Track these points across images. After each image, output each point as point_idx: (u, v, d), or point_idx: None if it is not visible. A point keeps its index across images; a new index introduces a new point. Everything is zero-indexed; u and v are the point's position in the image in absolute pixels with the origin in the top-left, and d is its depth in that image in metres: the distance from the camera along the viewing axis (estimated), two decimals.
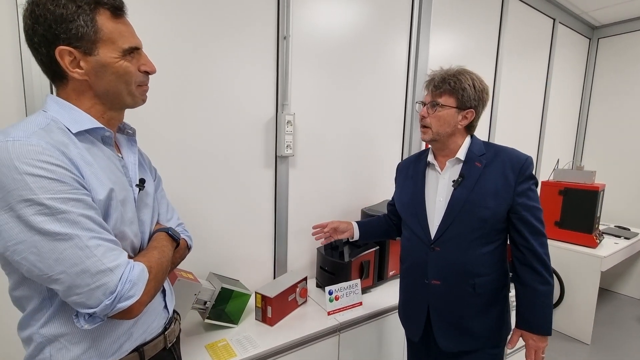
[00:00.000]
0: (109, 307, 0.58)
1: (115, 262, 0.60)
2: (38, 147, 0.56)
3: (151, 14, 1.22)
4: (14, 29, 1.03)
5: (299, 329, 1.31)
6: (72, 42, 0.62)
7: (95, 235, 0.58)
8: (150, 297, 0.66)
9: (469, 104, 1.05)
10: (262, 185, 1.60)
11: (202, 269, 1.41)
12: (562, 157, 3.34)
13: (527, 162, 1.03)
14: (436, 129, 1.07)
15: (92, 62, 0.64)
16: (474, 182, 1.04)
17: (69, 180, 0.58)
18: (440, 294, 1.09)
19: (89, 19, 0.62)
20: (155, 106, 1.24)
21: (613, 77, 3.43)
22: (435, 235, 1.08)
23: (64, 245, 0.55)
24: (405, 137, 2.14)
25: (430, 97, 1.09)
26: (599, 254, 2.31)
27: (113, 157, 0.71)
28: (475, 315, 1.08)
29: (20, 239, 0.54)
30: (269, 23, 1.50)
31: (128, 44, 0.67)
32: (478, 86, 1.06)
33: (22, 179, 0.53)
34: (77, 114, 0.66)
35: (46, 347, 0.63)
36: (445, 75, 1.06)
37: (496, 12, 2.52)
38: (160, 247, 0.75)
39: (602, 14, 3.18)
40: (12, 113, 1.06)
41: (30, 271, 0.56)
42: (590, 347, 2.37)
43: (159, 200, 0.88)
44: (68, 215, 0.56)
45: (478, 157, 1.07)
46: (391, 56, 1.98)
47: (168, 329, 0.82)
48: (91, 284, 0.57)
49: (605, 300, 3.02)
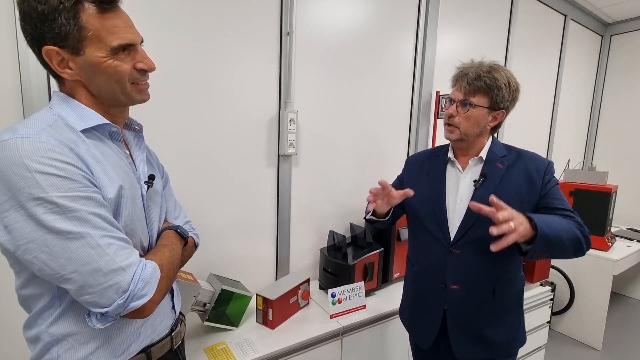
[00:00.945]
0: (121, 306, 0.58)
1: (128, 261, 0.59)
2: (48, 144, 0.55)
3: (150, 8, 1.20)
4: (11, 27, 1.01)
5: (300, 332, 1.28)
6: (58, 41, 0.59)
7: (106, 233, 0.58)
8: (162, 295, 0.66)
9: (502, 104, 0.99)
10: (264, 185, 1.56)
11: (202, 269, 1.39)
12: (573, 157, 3.27)
13: (550, 166, 1.01)
14: (465, 130, 1.01)
15: (80, 62, 0.61)
16: (496, 183, 1.00)
17: (79, 178, 0.57)
18: (458, 299, 1.04)
19: (70, 16, 0.58)
20: (154, 103, 1.21)
21: (626, 75, 3.34)
22: (455, 237, 1.03)
23: (76, 244, 0.55)
24: (411, 135, 2.09)
25: (462, 95, 1.00)
26: (611, 257, 2.25)
27: (121, 153, 0.70)
28: (492, 323, 1.04)
29: (32, 238, 0.54)
30: (271, 18, 1.47)
31: (118, 42, 0.62)
32: (513, 85, 0.99)
33: (33, 177, 0.53)
34: (83, 110, 0.64)
35: (53, 347, 0.62)
36: (480, 72, 0.97)
37: (506, 8, 2.46)
38: (170, 245, 0.75)
39: (615, 10, 3.09)
40: (10, 112, 1.04)
41: (41, 270, 0.55)
42: (601, 353, 2.31)
43: (167, 198, 0.88)
44: (79, 213, 0.55)
45: (500, 157, 1.04)
46: (397, 53, 1.93)
47: (175, 330, 0.81)
48: (103, 283, 0.56)
49: (617, 305, 2.94)
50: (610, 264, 2.24)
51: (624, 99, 3.37)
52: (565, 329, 2.47)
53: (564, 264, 2.40)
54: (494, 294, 1.02)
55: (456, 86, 1.03)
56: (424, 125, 2.09)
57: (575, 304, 2.41)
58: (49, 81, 1.07)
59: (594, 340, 2.35)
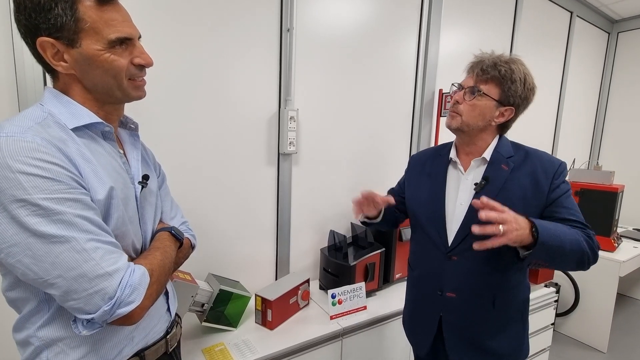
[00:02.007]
0: (107, 313, 0.56)
1: (114, 266, 0.57)
2: (33, 143, 0.53)
3: (147, 3, 1.18)
4: (5, 20, 1.00)
5: (299, 333, 1.26)
6: (52, 32, 0.58)
7: (93, 237, 0.56)
8: (152, 301, 0.64)
9: (512, 100, 0.94)
10: (264, 184, 1.55)
11: (201, 269, 1.37)
12: (579, 156, 3.22)
13: (561, 167, 0.94)
14: (467, 119, 0.96)
15: (75, 55, 0.60)
16: (499, 187, 0.94)
17: (66, 179, 0.55)
18: (455, 308, 1.00)
19: (67, 7, 0.57)
20: (151, 100, 1.20)
21: (633, 72, 3.28)
22: (452, 243, 0.98)
23: (60, 248, 0.53)
24: (413, 134, 2.06)
25: (472, 81, 0.95)
26: (618, 258, 2.22)
27: (114, 153, 0.68)
28: (493, 333, 0.99)
29: (14, 241, 0.52)
30: (271, 15, 1.45)
31: (116, 34, 0.61)
32: (529, 83, 0.95)
33: (15, 178, 0.51)
34: (75, 108, 0.63)
35: (43, 352, 0.61)
36: (497, 60, 0.93)
37: (510, 4, 2.42)
38: (162, 248, 0.73)
39: (623, 6, 3.04)
40: (4, 107, 1.03)
41: (25, 274, 0.54)
42: (606, 355, 2.27)
43: (163, 198, 0.86)
44: (64, 216, 0.53)
45: (505, 159, 0.97)
46: (399, 49, 1.90)
47: (170, 333, 0.79)
48: (89, 289, 0.54)
49: (622, 307, 2.90)
50: (616, 265, 2.20)
51: (631, 97, 3.31)
52: (569, 331, 2.44)
53: None
54: (494, 304, 0.97)
55: (470, 73, 0.98)
56: (426, 123, 2.06)
57: (580, 306, 2.37)
58: (44, 77, 1.05)
59: (599, 343, 2.32)
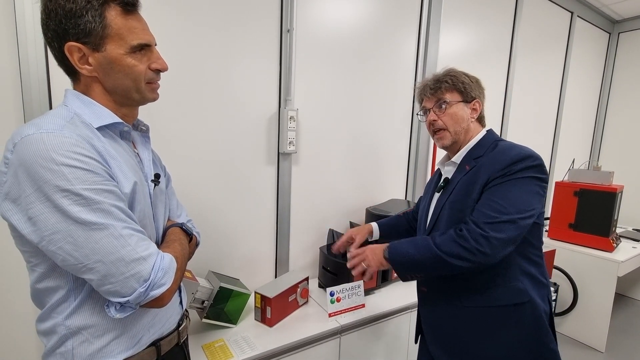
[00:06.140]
0: (142, 295, 0.60)
1: (148, 251, 0.62)
2: (72, 139, 0.57)
3: (149, 5, 1.19)
4: (10, 27, 1.01)
5: (298, 330, 1.28)
6: (81, 37, 0.62)
7: (127, 225, 0.60)
8: (177, 285, 0.69)
9: (472, 93, 1.01)
10: (264, 183, 1.56)
11: (201, 267, 1.39)
12: (578, 157, 3.23)
13: (517, 159, 0.86)
14: (453, 128, 1.00)
15: (100, 59, 0.64)
16: (453, 187, 0.97)
17: (101, 171, 0.59)
18: (427, 302, 1.07)
19: (97, 14, 0.62)
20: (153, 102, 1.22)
21: (634, 73, 3.28)
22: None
23: (100, 234, 0.57)
24: (412, 135, 2.07)
25: (433, 100, 1.02)
26: (616, 258, 2.22)
27: (130, 152, 0.73)
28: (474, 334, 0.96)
29: (57, 228, 0.55)
30: (271, 15, 1.46)
31: (137, 41, 0.66)
32: (472, 77, 1.03)
33: (60, 170, 0.55)
34: (98, 108, 0.67)
35: (68, 340, 0.64)
36: (437, 77, 1.02)
37: (511, 4, 2.43)
38: (179, 240, 0.78)
39: (624, 7, 3.04)
40: (10, 109, 1.05)
41: (65, 261, 0.57)
42: (604, 355, 2.28)
43: (170, 197, 0.90)
44: (102, 205, 0.57)
45: (473, 160, 0.96)
46: (399, 50, 1.92)
47: (181, 325, 0.83)
48: (126, 273, 0.58)
49: (621, 307, 2.90)
50: (614, 265, 2.20)
51: (631, 97, 3.31)
52: (568, 331, 2.45)
53: (567, 264, 2.38)
54: (461, 301, 0.97)
55: (422, 97, 1.06)
56: (425, 125, 2.07)
57: (578, 306, 2.37)
58: (48, 78, 1.07)
59: (597, 342, 2.32)
